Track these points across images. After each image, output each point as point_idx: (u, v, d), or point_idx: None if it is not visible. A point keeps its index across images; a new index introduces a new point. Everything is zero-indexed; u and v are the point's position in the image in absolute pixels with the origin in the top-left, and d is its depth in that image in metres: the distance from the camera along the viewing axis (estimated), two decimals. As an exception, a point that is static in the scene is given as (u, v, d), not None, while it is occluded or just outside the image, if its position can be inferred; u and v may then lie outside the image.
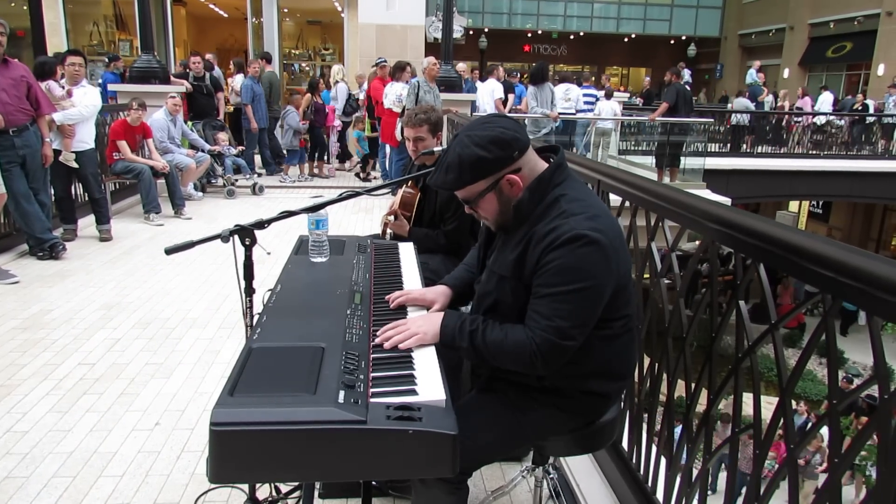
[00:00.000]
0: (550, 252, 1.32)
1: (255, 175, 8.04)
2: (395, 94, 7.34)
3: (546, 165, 1.45)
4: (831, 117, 13.19)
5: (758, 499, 1.39)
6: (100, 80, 8.90)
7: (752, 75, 13.84)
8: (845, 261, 1.10)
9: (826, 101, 14.25)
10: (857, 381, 10.25)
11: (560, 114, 8.04)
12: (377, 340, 1.43)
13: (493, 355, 1.40)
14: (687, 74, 8.69)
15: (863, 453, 7.33)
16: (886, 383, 1.05)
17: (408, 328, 1.44)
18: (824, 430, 1.57)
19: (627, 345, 1.49)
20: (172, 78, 7.60)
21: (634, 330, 1.52)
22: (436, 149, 2.66)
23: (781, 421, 1.30)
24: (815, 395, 9.44)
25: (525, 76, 10.84)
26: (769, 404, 1.52)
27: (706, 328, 1.61)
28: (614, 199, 2.18)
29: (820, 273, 1.16)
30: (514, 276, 1.41)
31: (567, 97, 8.38)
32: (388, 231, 2.81)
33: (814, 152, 12.75)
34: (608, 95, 10.00)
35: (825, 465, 5.31)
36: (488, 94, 8.70)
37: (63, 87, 5.07)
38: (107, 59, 9.93)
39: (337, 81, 9.43)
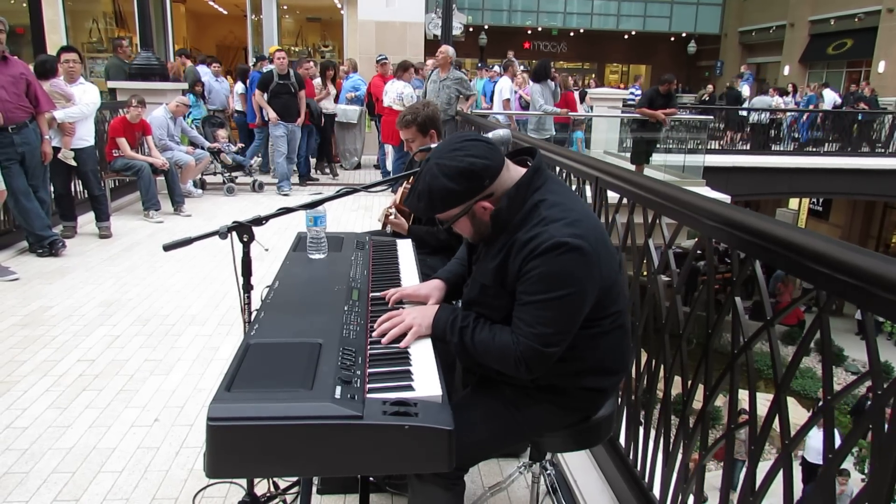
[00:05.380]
0: (531, 260, 1.32)
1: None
2: (395, 92, 7.32)
3: (522, 171, 1.43)
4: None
5: (753, 494, 1.40)
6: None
7: None
8: (841, 257, 1.11)
9: (828, 98, 14.28)
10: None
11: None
12: (374, 335, 1.44)
13: (480, 354, 1.41)
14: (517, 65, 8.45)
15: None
16: (880, 380, 1.06)
17: (403, 320, 1.46)
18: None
19: (620, 339, 1.49)
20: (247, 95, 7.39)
21: (627, 324, 1.52)
22: (432, 145, 2.66)
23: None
24: (814, 392, 9.46)
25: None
26: (766, 401, 1.52)
27: (703, 325, 1.61)
28: (612, 196, 2.18)
29: (815, 269, 1.16)
30: (497, 284, 1.41)
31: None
32: (388, 225, 2.82)
33: (814, 149, 12.76)
34: (581, 97, 10.13)
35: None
36: (497, 93, 8.63)
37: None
38: (255, 59, 9.39)
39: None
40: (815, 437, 7.09)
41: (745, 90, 14.01)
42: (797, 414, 8.52)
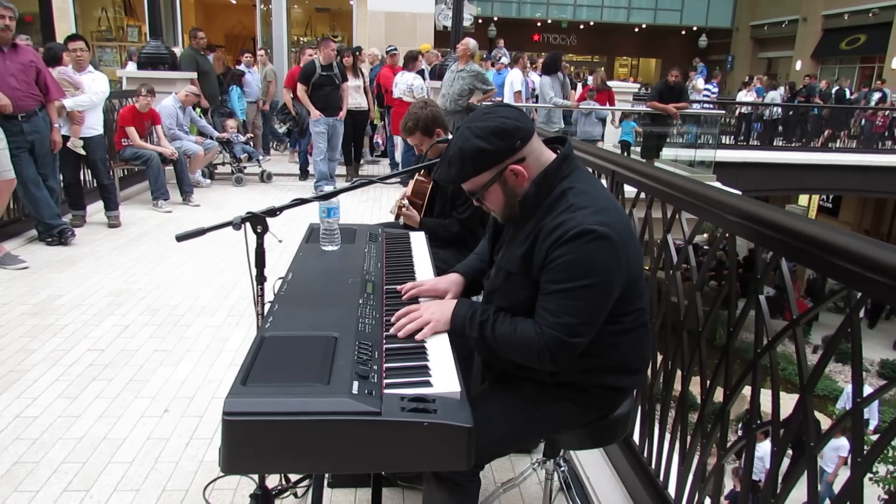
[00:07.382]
0: (558, 248, 1.30)
1: None
2: (405, 84, 7.28)
3: (553, 156, 1.42)
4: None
5: (774, 496, 1.37)
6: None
7: None
8: (874, 256, 1.07)
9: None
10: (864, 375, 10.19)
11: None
12: (392, 330, 1.42)
13: (502, 348, 1.39)
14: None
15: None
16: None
17: (420, 315, 1.44)
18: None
19: (641, 338, 1.47)
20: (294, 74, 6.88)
21: (648, 323, 1.49)
22: (450, 136, 2.63)
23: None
24: (820, 390, 9.40)
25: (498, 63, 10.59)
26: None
27: (721, 322, 1.58)
28: (629, 191, 2.14)
29: (846, 268, 1.13)
30: (522, 272, 1.38)
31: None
32: (401, 217, 2.80)
33: (823, 145, 12.68)
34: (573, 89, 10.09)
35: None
36: (508, 86, 8.56)
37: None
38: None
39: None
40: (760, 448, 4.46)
41: (700, 83, 13.84)
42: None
